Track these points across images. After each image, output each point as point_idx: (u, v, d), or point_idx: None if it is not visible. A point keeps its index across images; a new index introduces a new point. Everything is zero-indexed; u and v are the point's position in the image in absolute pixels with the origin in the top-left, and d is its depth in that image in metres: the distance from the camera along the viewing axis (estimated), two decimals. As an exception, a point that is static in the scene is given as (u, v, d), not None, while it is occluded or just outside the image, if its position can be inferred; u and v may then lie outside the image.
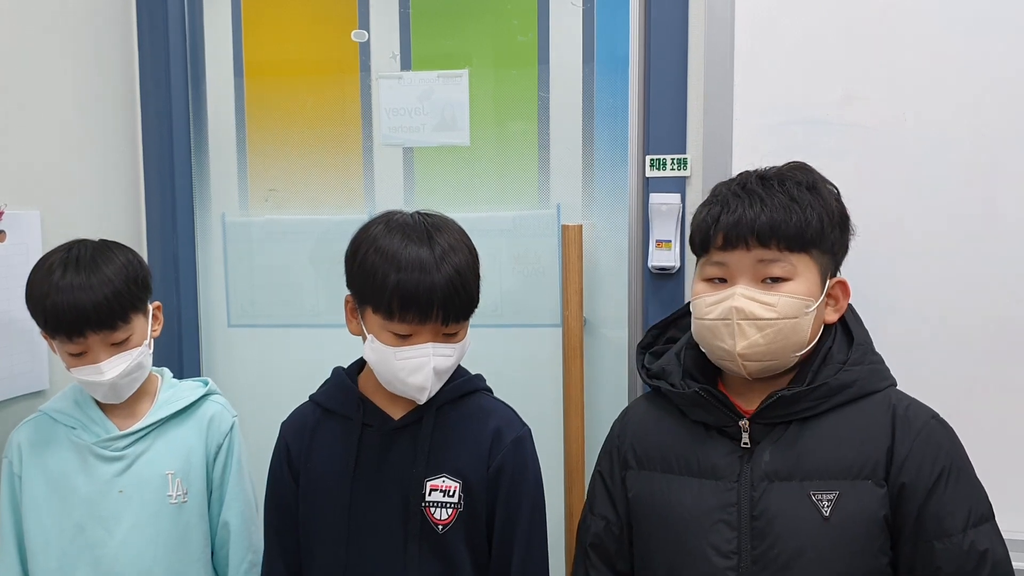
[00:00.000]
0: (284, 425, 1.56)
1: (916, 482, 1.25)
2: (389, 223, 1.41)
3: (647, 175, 1.93)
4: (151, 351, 1.62)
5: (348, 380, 1.51)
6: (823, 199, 1.30)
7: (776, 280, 1.27)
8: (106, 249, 1.59)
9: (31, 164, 1.84)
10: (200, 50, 2.24)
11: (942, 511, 1.24)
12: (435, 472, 1.43)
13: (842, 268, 1.73)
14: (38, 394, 1.83)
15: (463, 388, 1.49)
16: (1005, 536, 1.68)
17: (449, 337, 1.40)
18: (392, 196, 2.17)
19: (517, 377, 2.12)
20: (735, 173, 1.74)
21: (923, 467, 1.26)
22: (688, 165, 1.91)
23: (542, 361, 2.11)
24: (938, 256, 1.70)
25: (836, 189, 1.36)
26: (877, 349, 1.72)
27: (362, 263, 1.39)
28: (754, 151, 1.77)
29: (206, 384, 1.73)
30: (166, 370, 1.74)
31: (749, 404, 1.33)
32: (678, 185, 1.91)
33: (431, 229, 1.40)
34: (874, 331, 1.72)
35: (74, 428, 1.61)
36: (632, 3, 1.92)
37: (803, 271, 1.28)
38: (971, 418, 1.71)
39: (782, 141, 1.76)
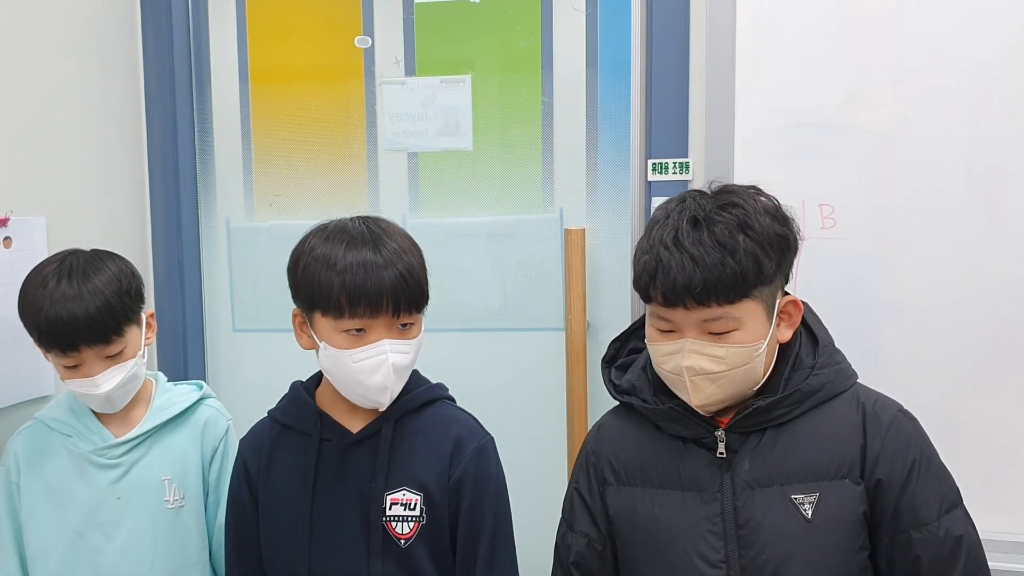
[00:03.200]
0: (242, 443, 1.53)
1: (891, 477, 1.27)
2: (326, 230, 1.40)
3: (649, 179, 1.94)
4: (145, 360, 1.62)
5: (305, 394, 1.48)
6: (756, 233, 1.25)
7: (722, 332, 1.26)
8: (97, 260, 1.57)
9: (37, 170, 1.85)
10: (205, 56, 2.25)
11: (916, 502, 1.26)
12: (395, 485, 1.40)
13: (842, 269, 1.74)
14: (43, 399, 1.83)
15: (422, 398, 1.46)
16: (1012, 539, 1.69)
17: (404, 332, 1.38)
18: (396, 201, 2.18)
19: (520, 381, 2.12)
20: (737, 176, 1.76)
21: (896, 461, 1.27)
22: (690, 169, 1.91)
23: (545, 365, 2.11)
24: (940, 258, 1.70)
25: (770, 201, 1.31)
26: (877, 350, 1.73)
27: (305, 269, 1.37)
28: (756, 154, 1.77)
29: (200, 388, 1.73)
30: (160, 375, 1.73)
31: (721, 414, 1.33)
32: (680, 189, 1.91)
33: (377, 232, 1.38)
34: (877, 332, 1.73)
35: (70, 436, 1.61)
36: (634, 7, 1.92)
37: (748, 316, 1.26)
38: (972, 419, 1.71)
39: (784, 144, 1.76)
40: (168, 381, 1.73)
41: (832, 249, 1.74)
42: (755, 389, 1.31)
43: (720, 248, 1.22)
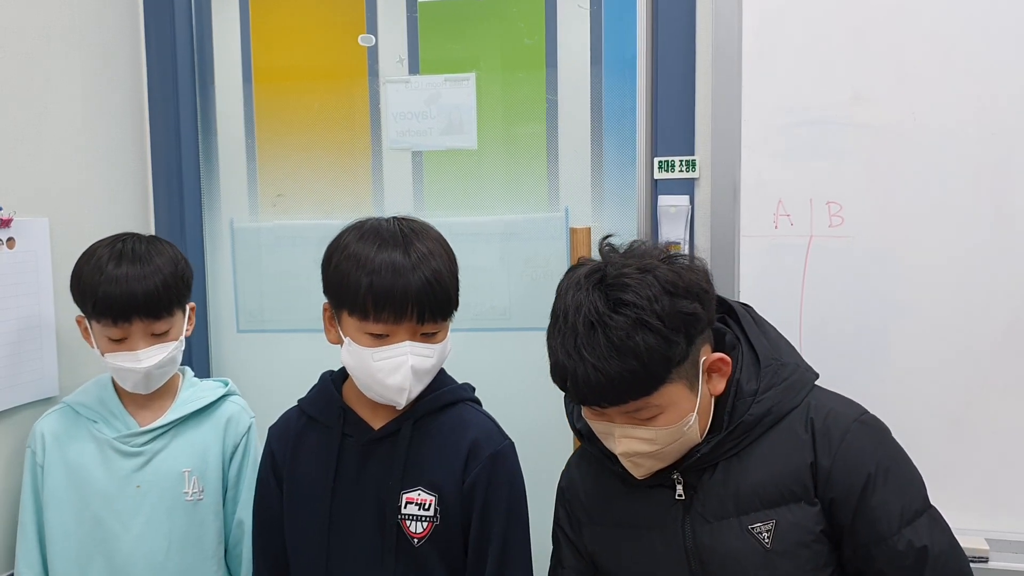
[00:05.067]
0: (270, 430, 1.56)
1: (844, 494, 1.25)
2: (362, 228, 1.41)
3: (655, 177, 1.92)
4: (183, 348, 1.67)
5: (332, 388, 1.50)
6: (656, 327, 1.19)
7: (647, 418, 1.25)
8: (157, 242, 1.66)
9: (40, 172, 1.84)
10: (209, 56, 2.25)
11: (873, 517, 1.24)
12: (411, 485, 1.42)
13: (849, 267, 1.72)
14: (48, 400, 1.83)
15: (444, 399, 1.47)
16: (1016, 538, 1.67)
17: (427, 338, 1.39)
18: (401, 200, 2.17)
19: (526, 381, 2.11)
20: (744, 174, 1.75)
21: (849, 477, 1.25)
22: (696, 167, 1.90)
23: (551, 364, 2.10)
24: (948, 256, 1.69)
25: (671, 273, 1.24)
26: (884, 349, 1.71)
27: (337, 266, 1.38)
28: (763, 151, 1.76)
29: (226, 385, 1.77)
30: (187, 369, 1.78)
31: None
32: (686, 187, 1.91)
33: (408, 234, 1.39)
34: (881, 331, 1.72)
35: (96, 422, 1.65)
36: (639, 4, 1.91)
37: (669, 399, 1.23)
38: (979, 418, 1.70)
39: (791, 142, 1.75)
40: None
41: (839, 247, 1.73)
42: (699, 441, 1.30)
43: (620, 354, 1.18)
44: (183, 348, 1.67)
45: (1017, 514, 1.69)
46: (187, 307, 1.68)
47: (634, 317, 1.19)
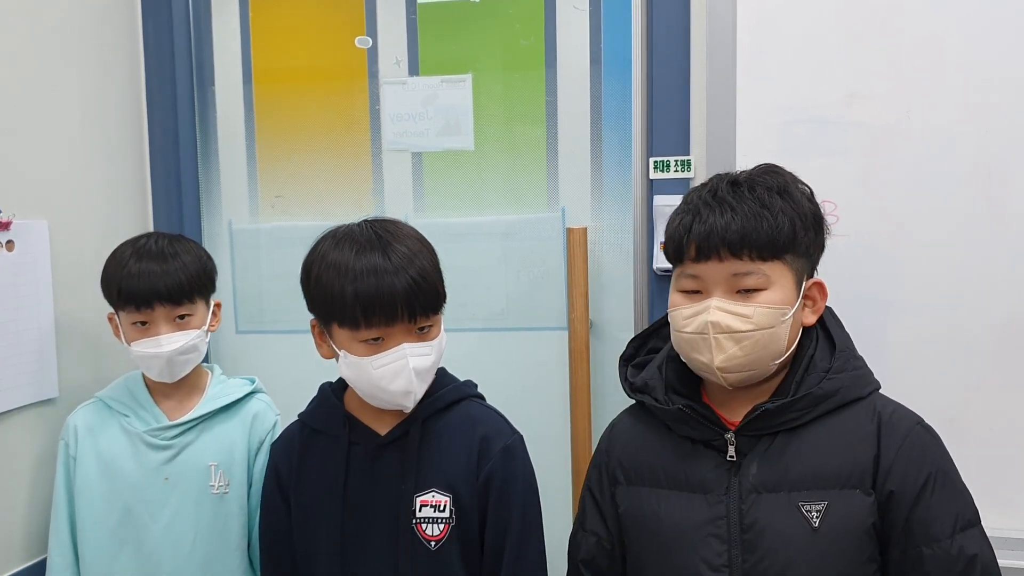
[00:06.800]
0: (273, 446, 1.57)
1: (903, 489, 1.24)
2: (336, 237, 1.40)
3: (651, 177, 1.93)
4: (207, 340, 1.72)
5: (334, 398, 1.50)
6: (795, 202, 1.27)
7: (751, 291, 1.25)
8: (182, 240, 1.75)
9: (39, 174, 1.85)
10: (208, 58, 2.26)
11: (929, 517, 1.23)
12: (424, 487, 1.41)
13: (845, 266, 1.73)
14: (47, 402, 1.84)
15: (449, 397, 1.47)
16: (1012, 535, 1.68)
17: (423, 334, 1.38)
18: (401, 201, 2.18)
19: (523, 381, 2.12)
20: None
21: (909, 474, 1.24)
22: (692, 166, 1.90)
23: (548, 364, 2.11)
24: (942, 254, 1.69)
25: (808, 188, 1.33)
26: (880, 348, 1.71)
27: (317, 281, 1.37)
28: (758, 150, 1.76)
29: (253, 382, 1.81)
30: (216, 366, 1.83)
31: (734, 415, 1.32)
32: (682, 187, 1.90)
33: (384, 236, 1.37)
34: (877, 330, 1.72)
35: (127, 416, 1.71)
36: (634, 5, 1.91)
37: (778, 279, 1.25)
38: (976, 417, 1.70)
39: (786, 141, 1.75)
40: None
41: (834, 246, 1.70)
42: (776, 364, 1.29)
43: (759, 203, 1.25)
44: (207, 340, 1.72)
45: (1013, 511, 1.70)
46: (212, 301, 1.74)
47: (781, 185, 1.28)
